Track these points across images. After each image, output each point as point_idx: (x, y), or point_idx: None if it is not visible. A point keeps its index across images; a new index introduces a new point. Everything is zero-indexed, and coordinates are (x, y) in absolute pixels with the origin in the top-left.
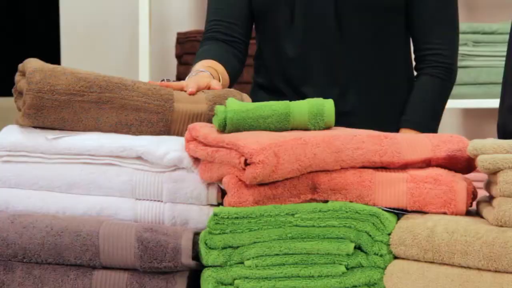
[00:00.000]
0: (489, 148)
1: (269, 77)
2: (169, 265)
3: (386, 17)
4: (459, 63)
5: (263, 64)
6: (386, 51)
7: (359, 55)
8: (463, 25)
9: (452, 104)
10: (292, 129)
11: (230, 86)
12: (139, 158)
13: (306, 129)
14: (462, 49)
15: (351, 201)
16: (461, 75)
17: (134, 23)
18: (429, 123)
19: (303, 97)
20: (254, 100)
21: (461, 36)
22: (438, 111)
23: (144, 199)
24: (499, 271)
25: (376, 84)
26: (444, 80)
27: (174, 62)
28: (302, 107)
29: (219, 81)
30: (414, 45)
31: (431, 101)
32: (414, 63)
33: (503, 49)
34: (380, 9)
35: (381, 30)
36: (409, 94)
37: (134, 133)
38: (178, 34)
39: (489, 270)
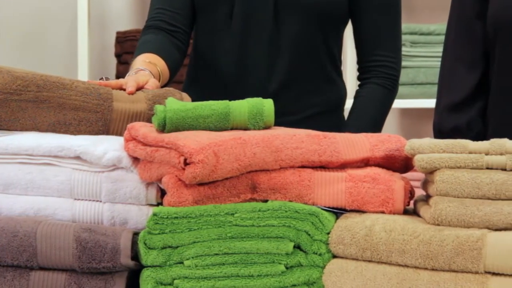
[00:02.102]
0: (426, 148)
1: (202, 72)
2: (107, 266)
3: (324, 24)
4: None
5: (199, 61)
6: (321, 56)
7: (294, 57)
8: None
9: None
10: (232, 129)
11: (171, 77)
12: (77, 157)
13: (246, 128)
14: None
15: (290, 201)
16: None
17: (72, 22)
18: (371, 130)
19: (233, 94)
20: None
21: None
22: (381, 120)
23: (82, 199)
24: (435, 269)
25: (308, 87)
26: (389, 91)
27: (113, 61)
28: (242, 107)
29: (159, 78)
30: (360, 56)
31: (377, 110)
32: (358, 73)
33: (440, 49)
34: (318, 16)
35: (317, 36)
36: (339, 96)
37: (72, 133)
38: (118, 33)
39: (426, 269)
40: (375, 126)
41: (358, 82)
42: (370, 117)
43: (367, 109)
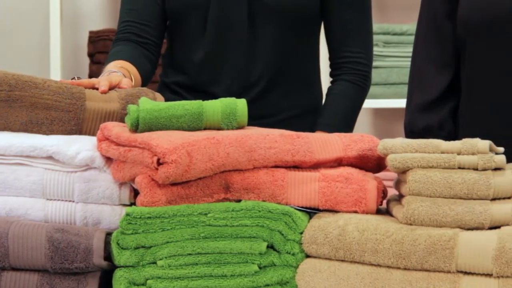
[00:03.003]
0: (399, 148)
1: (178, 79)
2: (80, 266)
3: (299, 26)
4: None
5: (173, 65)
6: (298, 58)
7: (271, 62)
8: (373, 26)
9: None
10: (205, 129)
11: (142, 86)
12: (50, 157)
13: (219, 128)
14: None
15: (264, 200)
16: (372, 75)
17: (45, 21)
18: (343, 127)
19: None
20: None
21: None
22: (353, 117)
23: (55, 199)
24: (408, 269)
25: (286, 90)
26: (361, 87)
27: (86, 61)
28: (215, 107)
29: (132, 81)
30: (331, 53)
31: (348, 107)
32: (330, 70)
33: None
34: (294, 18)
35: (294, 39)
36: (317, 98)
37: (45, 132)
38: (90, 32)
39: (399, 268)
40: (347, 123)
41: (330, 79)
42: (341, 115)
43: (339, 106)
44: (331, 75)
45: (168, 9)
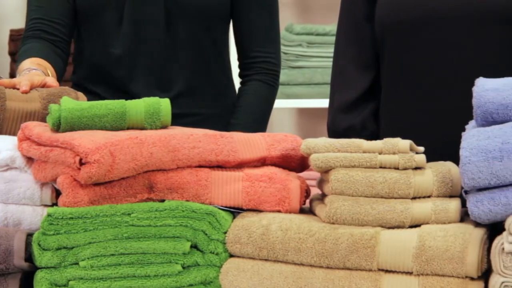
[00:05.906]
0: (322, 147)
1: (91, 78)
2: (0, 267)
3: (213, 25)
4: (294, 64)
5: (84, 64)
6: (213, 58)
7: (188, 61)
8: (297, 27)
9: (287, 103)
10: (128, 128)
11: None
12: None
13: (143, 128)
14: (296, 50)
15: (187, 200)
16: (295, 76)
17: None
18: (258, 127)
19: (128, 98)
20: None
21: (295, 37)
22: (267, 116)
23: None
24: (330, 267)
25: (204, 89)
26: (272, 86)
27: (7, 59)
28: (138, 106)
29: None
30: (241, 53)
31: (262, 107)
32: (239, 70)
33: None
34: (206, 16)
35: (208, 38)
36: (234, 98)
37: None
38: (11, 31)
39: (321, 267)
40: (262, 123)
41: (240, 80)
42: (257, 114)
43: (254, 106)
44: (240, 75)
45: (80, 6)
